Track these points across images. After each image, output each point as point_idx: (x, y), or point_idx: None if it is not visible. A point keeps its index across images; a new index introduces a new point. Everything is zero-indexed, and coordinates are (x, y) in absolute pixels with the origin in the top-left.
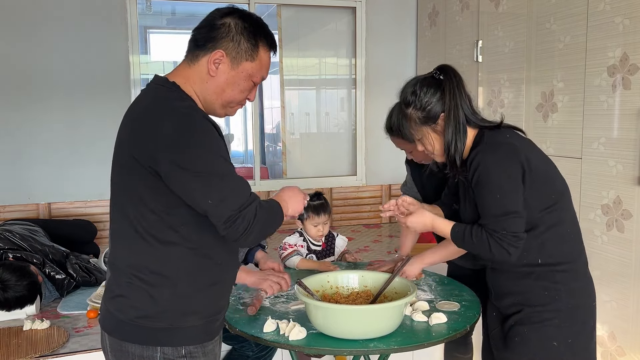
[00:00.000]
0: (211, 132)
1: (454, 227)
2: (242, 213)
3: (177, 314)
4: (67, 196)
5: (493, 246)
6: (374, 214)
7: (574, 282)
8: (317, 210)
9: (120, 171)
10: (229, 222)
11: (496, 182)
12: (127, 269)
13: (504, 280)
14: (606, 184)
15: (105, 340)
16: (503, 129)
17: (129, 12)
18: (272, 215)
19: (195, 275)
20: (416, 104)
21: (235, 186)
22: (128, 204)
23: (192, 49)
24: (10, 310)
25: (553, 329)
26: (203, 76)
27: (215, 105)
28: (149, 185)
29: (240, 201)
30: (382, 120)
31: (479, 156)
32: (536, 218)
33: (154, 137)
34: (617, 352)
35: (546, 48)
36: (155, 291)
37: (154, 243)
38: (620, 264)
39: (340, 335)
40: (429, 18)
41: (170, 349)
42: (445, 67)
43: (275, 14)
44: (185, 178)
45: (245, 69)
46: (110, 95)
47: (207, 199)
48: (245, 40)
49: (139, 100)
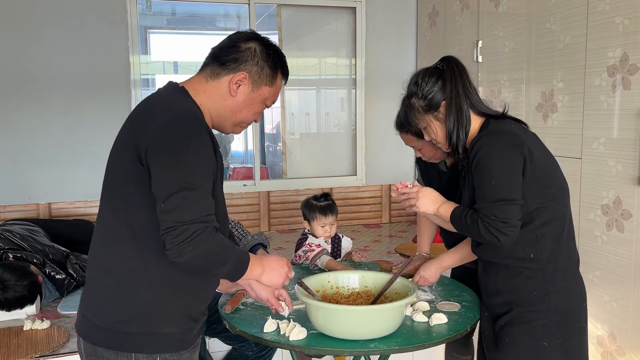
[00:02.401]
0: (206, 142)
1: (455, 209)
2: (182, 228)
3: (154, 320)
4: (67, 196)
5: (482, 230)
6: (374, 214)
7: (563, 283)
8: (325, 210)
9: (112, 169)
10: (168, 231)
11: (494, 168)
12: (107, 271)
13: (495, 278)
14: (606, 184)
15: (80, 346)
16: (508, 119)
17: (129, 12)
18: (222, 252)
19: (176, 281)
20: (418, 93)
21: (193, 201)
22: (116, 203)
23: (212, 65)
24: (10, 310)
25: (542, 329)
26: (222, 93)
27: (227, 122)
28: (135, 183)
29: (189, 216)
30: (382, 120)
31: (481, 141)
32: (532, 211)
33: (149, 128)
34: (617, 352)
35: (546, 48)
36: (136, 296)
37: (138, 245)
38: (620, 264)
39: (340, 335)
40: (429, 18)
41: (145, 355)
42: (448, 58)
43: (275, 14)
44: (157, 171)
45: (263, 93)
46: (110, 96)
47: (161, 202)
48: (268, 67)
49: (145, 100)
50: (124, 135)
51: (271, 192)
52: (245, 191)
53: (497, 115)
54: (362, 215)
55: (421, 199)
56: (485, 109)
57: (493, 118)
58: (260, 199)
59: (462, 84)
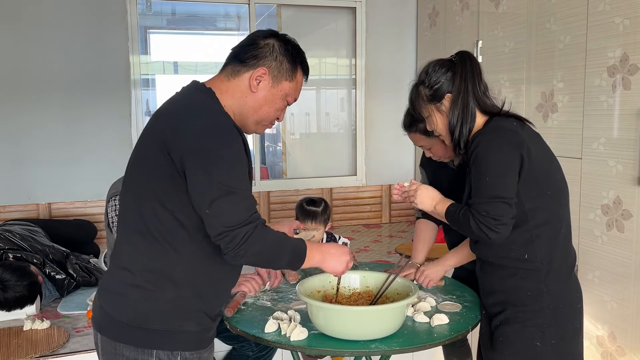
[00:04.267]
0: (240, 145)
1: (450, 206)
2: (233, 233)
3: (176, 318)
4: (67, 196)
5: (473, 227)
6: (374, 214)
7: (557, 284)
8: (308, 215)
9: (142, 169)
10: (219, 237)
11: (490, 164)
12: (134, 269)
13: (490, 278)
14: (606, 184)
15: (97, 341)
16: (511, 117)
17: (129, 12)
18: (277, 245)
19: (200, 281)
20: (425, 82)
21: (236, 204)
22: (145, 203)
23: (232, 63)
24: (10, 310)
25: (535, 329)
26: (243, 90)
27: (249, 120)
28: (169, 182)
29: (236, 220)
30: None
31: (480, 137)
32: (526, 211)
33: (186, 131)
34: (617, 352)
35: (546, 48)
36: (158, 293)
37: (164, 244)
38: (620, 264)
39: (341, 336)
40: (429, 18)
41: (165, 353)
42: (464, 53)
43: (275, 14)
44: (196, 176)
45: (283, 88)
46: (110, 96)
47: (205, 208)
48: (287, 62)
49: (173, 99)
50: (153, 137)
51: (271, 192)
52: None
53: (500, 113)
54: (362, 215)
55: (419, 197)
56: (492, 107)
57: (497, 115)
58: (260, 199)
59: (472, 81)
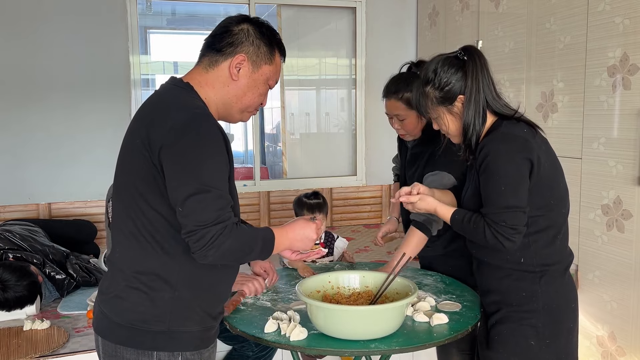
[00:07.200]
0: (219, 141)
1: (454, 213)
2: (202, 232)
3: (175, 318)
4: (67, 196)
5: (489, 236)
6: (374, 214)
7: (552, 285)
8: (312, 208)
9: (126, 168)
10: (189, 235)
11: (504, 173)
12: (128, 271)
13: (487, 278)
14: (606, 184)
15: (98, 344)
16: (521, 123)
17: (129, 12)
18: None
19: (196, 280)
20: (435, 82)
21: (210, 203)
22: (132, 203)
23: (209, 54)
24: (10, 310)
25: (530, 328)
26: (224, 80)
27: (233, 109)
28: (152, 181)
29: (206, 219)
30: (382, 120)
31: (490, 144)
32: (529, 218)
33: (162, 128)
34: (617, 352)
35: (546, 48)
36: (156, 295)
37: (154, 245)
38: (620, 264)
39: (341, 335)
40: (429, 18)
41: (166, 354)
42: (469, 48)
43: (275, 14)
44: (172, 173)
45: (264, 72)
46: (110, 96)
47: (179, 206)
48: (264, 45)
49: (151, 98)
50: (134, 136)
51: (271, 192)
52: (245, 191)
53: (509, 115)
54: (362, 215)
55: (419, 205)
56: (501, 107)
57: (506, 119)
58: (260, 199)
59: (483, 79)
